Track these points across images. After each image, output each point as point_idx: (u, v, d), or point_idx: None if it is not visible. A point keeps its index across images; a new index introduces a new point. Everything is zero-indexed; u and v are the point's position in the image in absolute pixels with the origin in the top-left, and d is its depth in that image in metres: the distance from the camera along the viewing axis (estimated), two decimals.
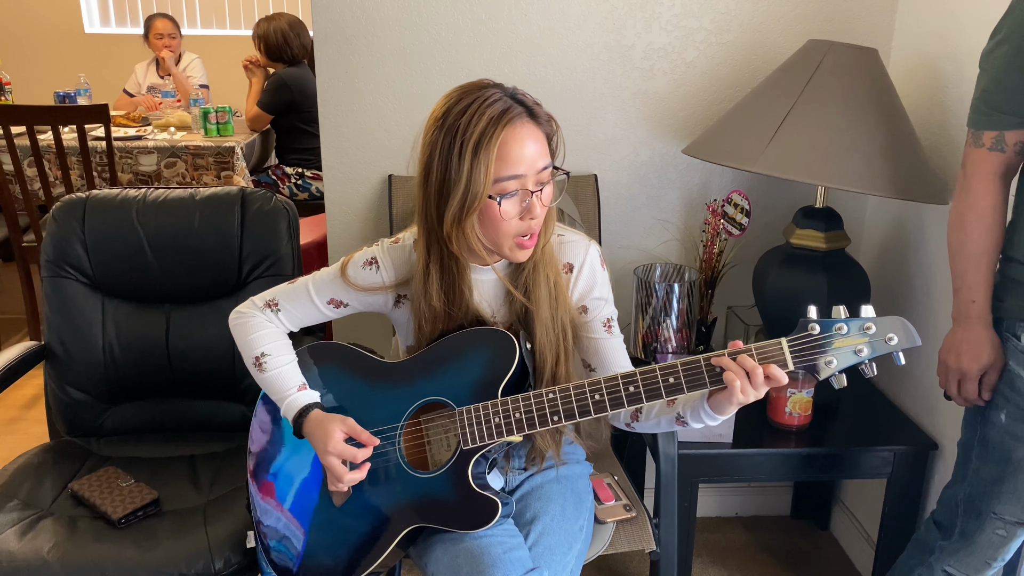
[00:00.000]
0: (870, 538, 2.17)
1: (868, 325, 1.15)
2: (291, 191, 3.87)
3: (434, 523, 1.34)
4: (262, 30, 3.82)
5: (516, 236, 1.28)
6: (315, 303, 1.45)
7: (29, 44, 5.31)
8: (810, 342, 1.16)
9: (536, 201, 1.26)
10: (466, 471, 1.32)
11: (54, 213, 1.85)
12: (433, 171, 1.25)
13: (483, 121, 1.21)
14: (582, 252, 1.41)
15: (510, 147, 1.22)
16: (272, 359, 1.44)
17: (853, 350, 1.15)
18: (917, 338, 1.15)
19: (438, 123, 1.25)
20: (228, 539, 1.52)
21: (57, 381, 1.86)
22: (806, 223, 1.91)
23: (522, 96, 1.27)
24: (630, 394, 1.24)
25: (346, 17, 1.99)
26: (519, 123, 1.23)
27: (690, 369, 1.21)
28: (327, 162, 2.11)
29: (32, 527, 1.54)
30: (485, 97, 1.23)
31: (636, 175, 2.15)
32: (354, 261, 1.43)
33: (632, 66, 2.08)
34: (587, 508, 1.50)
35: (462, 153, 1.21)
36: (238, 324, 1.48)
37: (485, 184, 1.21)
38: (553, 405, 1.27)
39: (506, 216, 1.25)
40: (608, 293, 1.44)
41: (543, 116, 1.28)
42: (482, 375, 1.32)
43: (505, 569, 1.26)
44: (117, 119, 3.90)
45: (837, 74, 1.73)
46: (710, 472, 1.83)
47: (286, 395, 1.42)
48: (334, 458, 1.34)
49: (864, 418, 1.98)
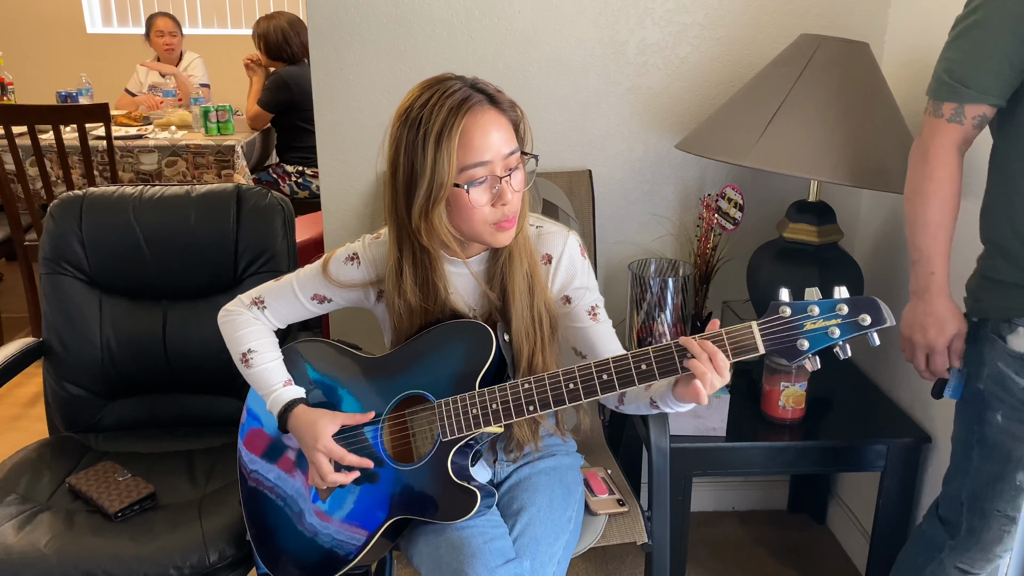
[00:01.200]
0: (866, 532, 2.18)
1: (840, 306, 1.14)
2: (292, 189, 3.89)
3: (416, 515, 1.36)
4: (262, 29, 3.84)
5: (491, 222, 1.29)
6: (299, 299, 1.48)
7: (31, 44, 5.33)
8: (781, 324, 1.16)
9: (507, 186, 1.27)
10: (446, 462, 1.33)
11: (52, 211, 1.87)
12: (400, 166, 1.27)
13: (443, 111, 1.23)
14: (560, 243, 1.42)
15: (472, 134, 1.24)
16: (258, 355, 1.46)
17: (825, 332, 1.14)
18: (891, 318, 1.14)
19: (402, 118, 1.27)
20: (223, 532, 1.54)
21: (55, 377, 1.87)
22: (799, 217, 1.91)
23: (483, 85, 1.29)
24: (603, 382, 1.25)
25: (340, 14, 2.00)
26: (479, 110, 1.25)
27: (662, 357, 1.22)
28: (323, 159, 2.12)
29: (30, 520, 1.56)
30: (445, 89, 1.25)
31: (630, 170, 2.16)
32: (336, 257, 1.45)
33: (626, 61, 2.08)
34: (576, 500, 1.51)
35: (425, 144, 1.23)
36: (226, 322, 1.51)
37: (449, 173, 1.23)
38: (528, 395, 1.29)
39: (476, 204, 1.26)
40: (590, 281, 1.45)
41: (505, 103, 1.29)
42: (460, 368, 1.34)
43: (485, 559, 1.27)
44: (118, 118, 3.92)
45: (828, 68, 1.74)
46: (704, 465, 1.84)
47: (272, 390, 1.44)
48: (322, 455, 1.37)
49: (858, 411, 1.98)
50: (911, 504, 1.91)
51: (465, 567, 1.26)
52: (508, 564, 1.28)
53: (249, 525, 1.51)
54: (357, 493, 1.40)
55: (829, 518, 2.41)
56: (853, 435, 1.87)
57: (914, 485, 1.90)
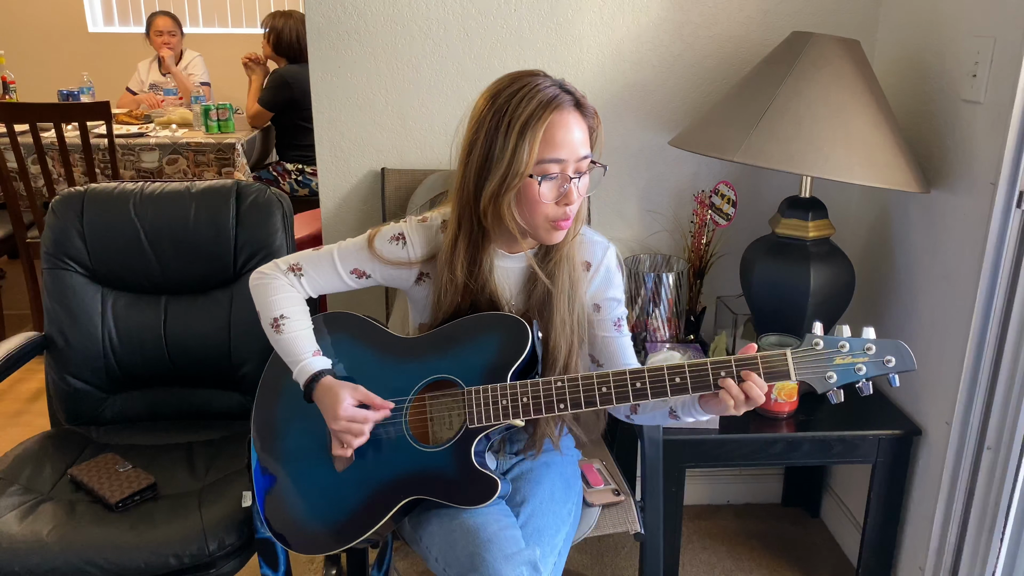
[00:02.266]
0: (859, 525, 2.20)
1: (869, 346, 1.22)
2: (292, 187, 3.91)
3: (434, 496, 1.37)
4: (279, 24, 3.81)
5: (552, 219, 1.32)
6: (339, 271, 1.47)
7: (33, 43, 5.36)
8: (813, 356, 1.23)
9: (573, 187, 1.31)
10: (469, 449, 1.35)
11: (53, 206, 1.89)
12: (478, 147, 1.30)
13: (533, 104, 1.26)
14: (600, 252, 1.47)
15: (556, 131, 1.27)
16: (290, 322, 1.45)
17: (853, 368, 1.23)
18: (914, 363, 1.21)
19: (489, 102, 1.30)
20: (222, 521, 1.56)
21: (57, 371, 1.90)
22: (791, 213, 1.93)
23: (571, 87, 1.33)
24: (636, 390, 1.29)
25: (338, 13, 2.03)
26: (567, 110, 1.29)
27: (697, 373, 1.26)
28: (321, 156, 2.14)
29: (32, 511, 1.58)
30: (536, 83, 1.29)
31: (625, 167, 2.18)
32: (382, 234, 1.46)
33: (621, 59, 2.11)
34: (575, 492, 1.54)
35: (509, 131, 1.26)
36: (260, 284, 1.49)
37: (528, 163, 1.27)
38: (561, 393, 1.32)
39: (544, 198, 1.30)
40: (621, 294, 1.49)
41: (589, 109, 1.34)
42: (493, 358, 1.36)
43: (500, 544, 1.29)
44: (120, 116, 3.95)
45: (819, 65, 1.76)
46: (696, 457, 1.86)
47: (300, 359, 1.43)
48: (344, 422, 1.37)
49: (850, 404, 2.00)
50: (902, 496, 1.94)
51: (482, 551, 1.28)
52: (522, 552, 1.31)
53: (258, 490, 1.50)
54: (376, 469, 1.41)
55: (823, 511, 2.43)
56: (844, 428, 1.89)
57: (905, 477, 1.93)
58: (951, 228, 1.80)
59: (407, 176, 2.10)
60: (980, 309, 1.69)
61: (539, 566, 1.29)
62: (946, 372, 1.81)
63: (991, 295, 1.67)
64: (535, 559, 1.30)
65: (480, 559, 1.28)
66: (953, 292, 1.79)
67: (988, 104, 1.66)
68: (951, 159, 1.79)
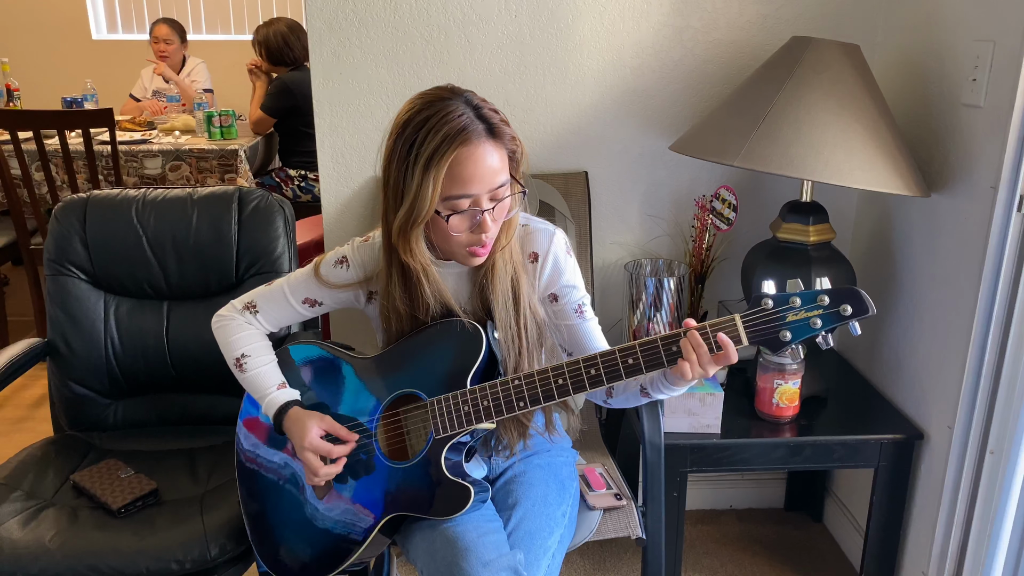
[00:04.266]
0: (862, 529, 2.19)
1: (822, 297, 1.17)
2: (295, 193, 3.92)
3: (411, 511, 1.38)
4: (262, 36, 3.88)
5: (467, 246, 1.31)
6: (291, 303, 1.51)
7: (37, 51, 5.38)
8: (764, 317, 1.19)
9: (487, 218, 1.28)
10: (439, 459, 1.36)
11: (56, 213, 1.90)
12: (390, 178, 1.28)
13: (438, 138, 1.22)
14: (546, 241, 1.43)
15: (463, 166, 1.23)
16: (252, 360, 1.49)
17: (807, 322, 1.17)
18: (872, 307, 1.16)
19: (398, 131, 1.27)
20: (224, 527, 1.56)
21: (60, 377, 1.90)
22: (792, 217, 1.93)
23: (487, 113, 1.27)
24: (591, 376, 1.27)
25: (339, 19, 2.04)
26: (476, 143, 1.23)
27: (648, 350, 1.24)
28: (323, 162, 2.15)
29: (35, 516, 1.59)
30: (447, 112, 1.23)
31: (626, 172, 2.19)
32: (326, 261, 1.48)
33: (622, 64, 2.11)
34: (571, 495, 1.53)
35: (414, 166, 1.23)
36: (220, 327, 1.54)
37: (432, 200, 1.24)
38: (519, 391, 1.31)
39: (455, 231, 1.28)
40: (576, 279, 1.46)
41: (506, 134, 1.28)
42: (451, 366, 1.36)
43: (479, 552, 1.29)
44: (123, 123, 3.97)
45: (818, 69, 1.76)
46: (698, 462, 1.86)
47: (266, 393, 1.47)
48: (310, 453, 1.39)
49: (851, 408, 2.00)
50: (904, 500, 1.93)
51: (460, 561, 1.28)
52: (502, 557, 1.30)
53: (248, 524, 1.53)
54: (354, 490, 1.43)
55: (826, 515, 2.43)
56: (846, 431, 1.88)
57: (907, 481, 1.92)
58: (952, 232, 1.80)
59: None
60: (981, 313, 1.69)
61: (521, 571, 1.29)
62: (948, 376, 1.81)
63: (992, 299, 1.67)
64: (515, 564, 1.29)
65: (458, 568, 1.28)
66: (954, 296, 1.79)
67: (988, 108, 1.66)
68: (951, 163, 1.79)
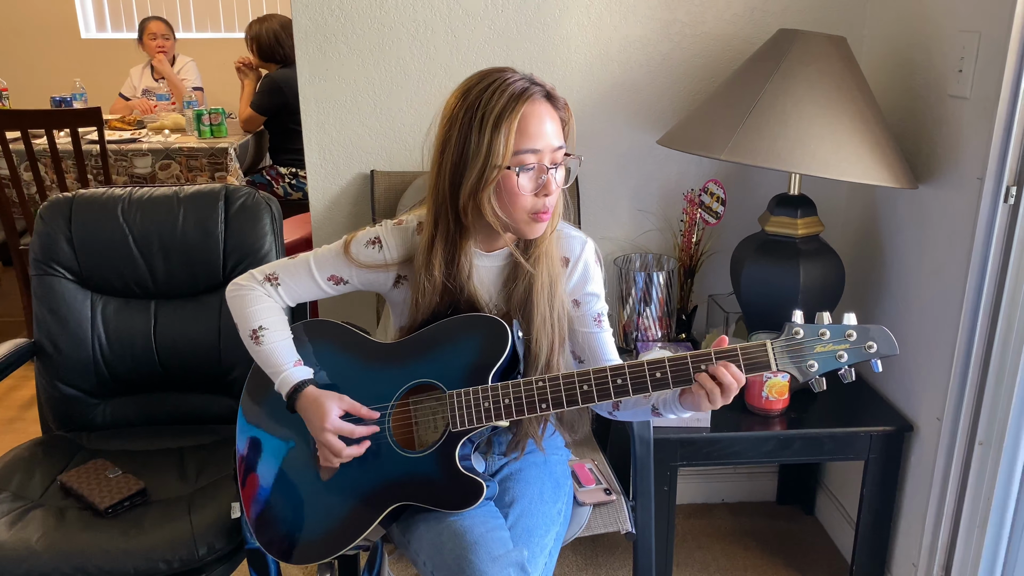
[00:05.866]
0: (853, 521, 2.20)
1: (850, 332, 1.21)
2: (285, 191, 3.91)
3: (420, 501, 1.37)
4: (255, 31, 3.87)
5: (531, 211, 1.33)
6: (315, 279, 1.47)
7: (26, 50, 5.36)
8: (794, 345, 1.22)
9: (551, 178, 1.31)
10: (453, 452, 1.35)
11: (41, 212, 1.89)
12: (451, 145, 1.30)
13: (504, 97, 1.26)
14: (578, 247, 1.46)
15: (529, 121, 1.28)
16: (270, 333, 1.45)
17: (834, 355, 1.21)
18: (896, 347, 1.21)
19: (460, 99, 1.30)
20: (212, 526, 1.56)
21: (47, 377, 1.89)
22: (780, 211, 1.93)
23: (540, 80, 1.33)
24: (617, 386, 1.28)
25: (325, 16, 2.03)
26: (539, 101, 1.29)
27: (677, 367, 1.26)
28: (310, 159, 2.14)
29: (21, 518, 1.58)
30: (506, 78, 1.29)
31: (615, 166, 2.18)
32: (357, 239, 1.45)
33: (609, 59, 2.11)
34: (565, 492, 1.53)
35: (483, 126, 1.26)
36: (236, 296, 1.48)
37: (504, 155, 1.27)
38: (542, 393, 1.31)
39: (523, 189, 1.30)
40: (600, 289, 1.49)
41: (560, 100, 1.34)
42: (474, 360, 1.36)
43: (488, 546, 1.29)
44: (112, 122, 3.95)
45: (805, 62, 1.76)
46: (688, 456, 1.86)
47: (281, 370, 1.43)
48: (331, 434, 1.37)
49: (841, 401, 2.00)
50: (895, 492, 1.94)
51: (469, 554, 1.28)
52: (509, 553, 1.30)
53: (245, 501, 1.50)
54: (361, 476, 1.41)
55: (817, 508, 2.43)
56: (836, 424, 1.89)
57: (897, 473, 1.93)
58: (939, 224, 1.80)
59: (396, 178, 2.10)
60: (969, 304, 1.69)
61: (527, 567, 1.29)
62: (936, 368, 1.81)
63: (979, 290, 1.67)
64: (523, 560, 1.29)
65: (467, 562, 1.27)
66: (942, 287, 1.79)
67: (974, 99, 1.66)
68: (938, 155, 1.79)
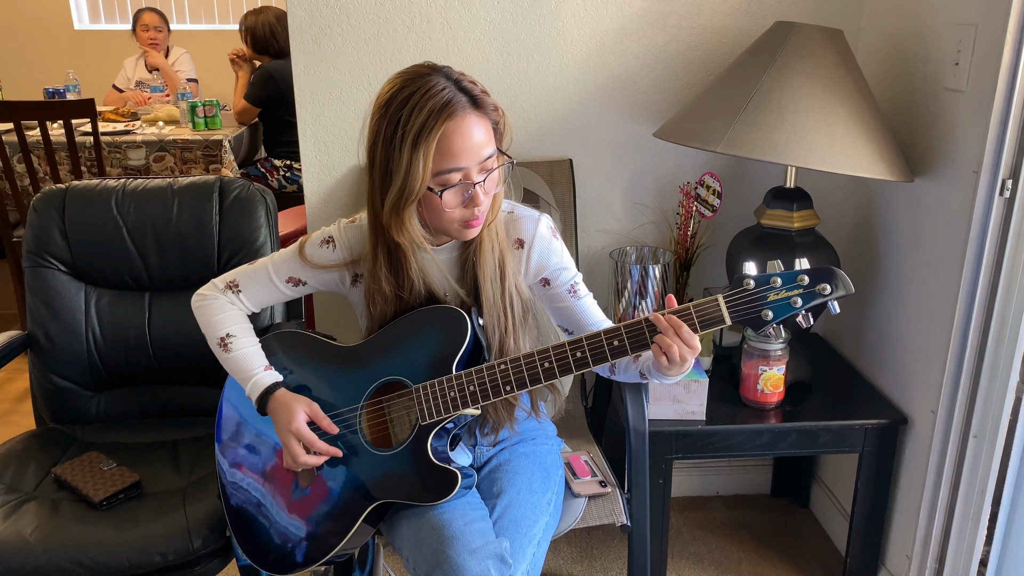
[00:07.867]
0: (847, 514, 2.20)
1: (802, 276, 1.21)
2: (280, 183, 3.90)
3: (397, 498, 1.38)
4: (250, 23, 3.86)
5: (461, 221, 1.31)
6: (274, 282, 1.49)
7: (19, 41, 5.33)
8: (746, 296, 1.22)
9: (479, 191, 1.28)
10: (425, 445, 1.35)
11: (34, 204, 1.88)
12: (376, 158, 1.27)
13: (423, 113, 1.21)
14: (531, 226, 1.44)
15: (451, 140, 1.23)
16: (237, 340, 1.47)
17: (788, 302, 1.21)
18: (851, 286, 1.20)
19: (381, 110, 1.26)
20: (206, 519, 1.56)
21: (41, 370, 1.89)
22: (776, 203, 1.93)
23: (468, 84, 1.27)
24: (577, 359, 1.28)
25: (320, 7, 2.02)
26: (461, 115, 1.23)
27: (632, 332, 1.26)
28: (305, 151, 2.13)
29: (15, 510, 1.58)
30: (428, 87, 1.23)
31: (611, 159, 2.18)
32: (311, 240, 1.46)
33: (606, 51, 2.10)
34: (556, 483, 1.53)
35: (402, 144, 1.22)
36: (201, 306, 1.51)
37: (423, 177, 1.23)
38: (505, 375, 1.31)
39: (448, 206, 1.28)
40: (566, 260, 1.47)
41: (489, 104, 1.28)
42: (436, 352, 1.36)
43: (465, 540, 1.29)
44: (106, 114, 3.93)
45: (801, 54, 1.75)
46: (683, 449, 1.86)
47: (252, 374, 1.45)
48: (293, 438, 1.38)
49: (836, 393, 2.01)
50: (889, 485, 1.94)
51: (446, 548, 1.28)
52: (488, 545, 1.30)
53: (229, 516, 1.52)
54: (339, 480, 1.42)
55: (812, 501, 2.43)
56: (830, 417, 1.89)
57: (891, 466, 1.93)
58: (935, 217, 1.80)
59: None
60: (964, 297, 1.70)
61: (507, 558, 1.29)
62: (931, 360, 1.81)
63: (975, 283, 1.67)
64: (502, 552, 1.29)
65: (444, 556, 1.27)
66: (937, 280, 1.79)
67: (970, 92, 1.66)
68: (934, 148, 1.79)
